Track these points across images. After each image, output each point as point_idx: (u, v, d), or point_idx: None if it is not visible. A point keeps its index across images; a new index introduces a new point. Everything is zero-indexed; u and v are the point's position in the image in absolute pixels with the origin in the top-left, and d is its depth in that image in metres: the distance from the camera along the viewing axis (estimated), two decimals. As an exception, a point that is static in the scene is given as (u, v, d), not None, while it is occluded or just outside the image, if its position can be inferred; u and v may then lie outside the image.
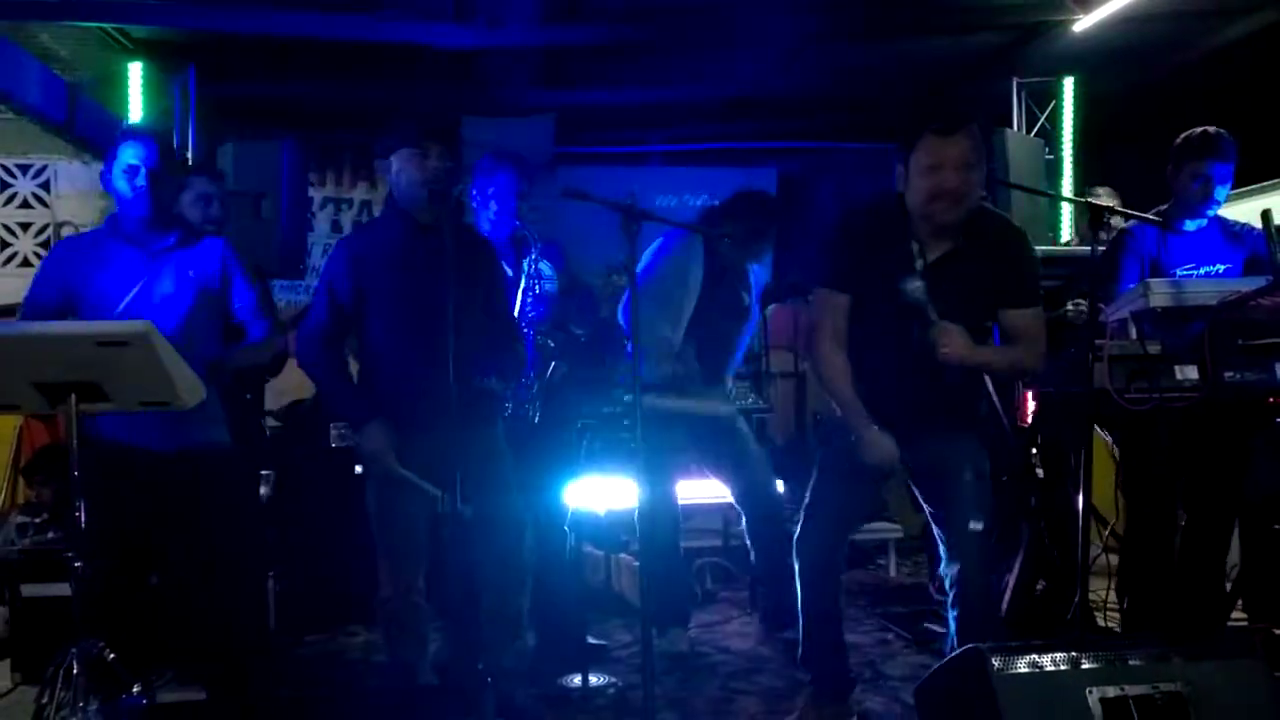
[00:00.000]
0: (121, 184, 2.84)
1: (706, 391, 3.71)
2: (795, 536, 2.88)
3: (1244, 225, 3.35)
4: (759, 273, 3.84)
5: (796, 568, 2.85)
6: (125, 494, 2.83)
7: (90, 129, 6.02)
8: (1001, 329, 2.70)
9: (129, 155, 2.82)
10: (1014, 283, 2.63)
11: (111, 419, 2.79)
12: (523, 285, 3.53)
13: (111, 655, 2.46)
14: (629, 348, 3.41)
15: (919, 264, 2.62)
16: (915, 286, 2.57)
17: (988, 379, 3.72)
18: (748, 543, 3.86)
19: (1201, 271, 3.29)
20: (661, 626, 3.73)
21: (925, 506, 2.85)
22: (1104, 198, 4.39)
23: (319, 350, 2.94)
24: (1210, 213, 3.31)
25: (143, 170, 2.81)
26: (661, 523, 3.65)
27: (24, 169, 6.50)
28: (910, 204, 2.61)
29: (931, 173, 2.52)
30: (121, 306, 2.80)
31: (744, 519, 3.82)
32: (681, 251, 3.63)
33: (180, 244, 2.91)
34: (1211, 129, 3.25)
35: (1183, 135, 3.30)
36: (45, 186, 6.51)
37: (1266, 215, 2.89)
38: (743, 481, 3.78)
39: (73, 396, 2.37)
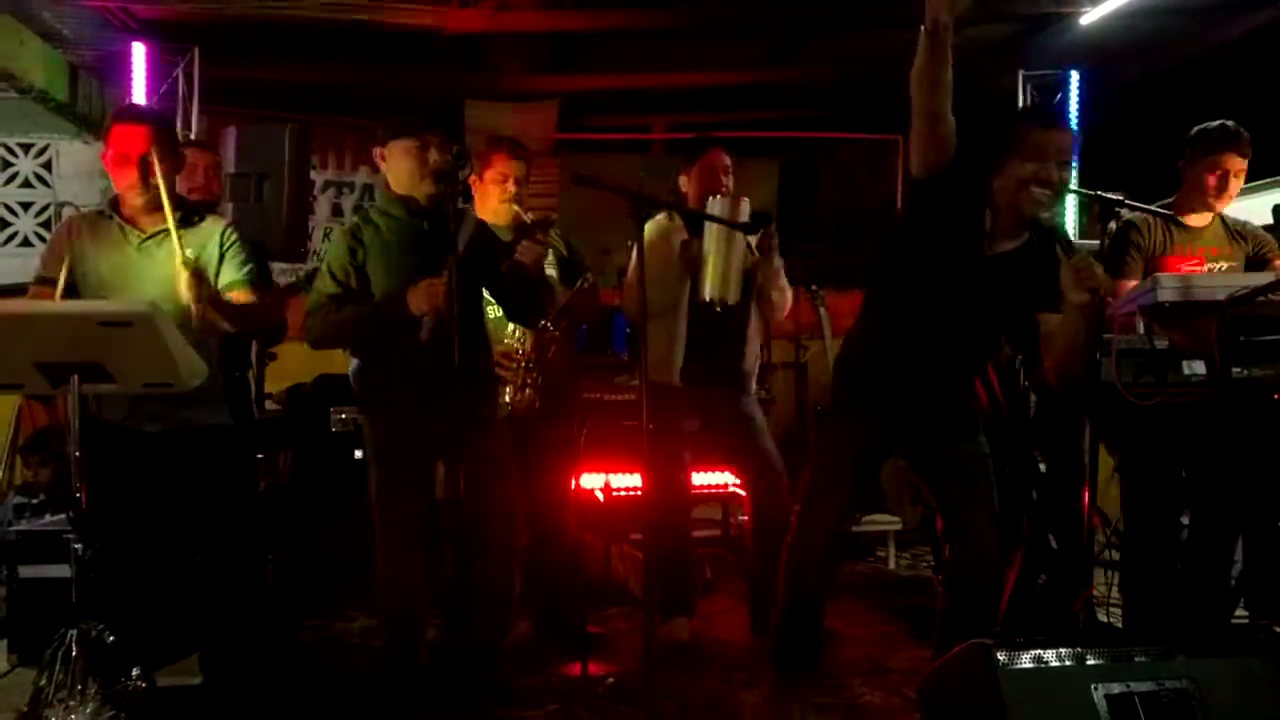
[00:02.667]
0: (116, 170, 2.81)
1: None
2: (798, 515, 2.85)
3: (1244, 223, 3.34)
4: None
5: (790, 557, 2.82)
6: (125, 475, 2.81)
7: (93, 109, 6.00)
8: (1044, 331, 2.66)
9: (124, 140, 2.78)
10: (1055, 290, 2.58)
11: (112, 400, 2.78)
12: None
13: (111, 637, 2.45)
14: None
15: (985, 249, 2.61)
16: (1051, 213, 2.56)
17: (989, 370, 3.74)
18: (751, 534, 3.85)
19: (1205, 268, 3.28)
20: (666, 615, 3.72)
21: (932, 498, 2.84)
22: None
23: (326, 307, 2.95)
24: (1221, 206, 3.29)
25: (134, 156, 2.77)
26: (667, 507, 3.64)
27: (26, 148, 6.47)
28: (997, 192, 2.57)
29: (1031, 161, 2.52)
30: (119, 288, 2.78)
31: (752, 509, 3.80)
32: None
33: (181, 225, 2.85)
34: (1230, 122, 3.22)
35: (1199, 128, 3.27)
36: (47, 166, 6.48)
37: (1278, 210, 2.87)
38: (753, 466, 3.74)
39: (75, 377, 2.36)
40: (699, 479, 4.36)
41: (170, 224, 2.69)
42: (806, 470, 2.89)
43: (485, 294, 3.20)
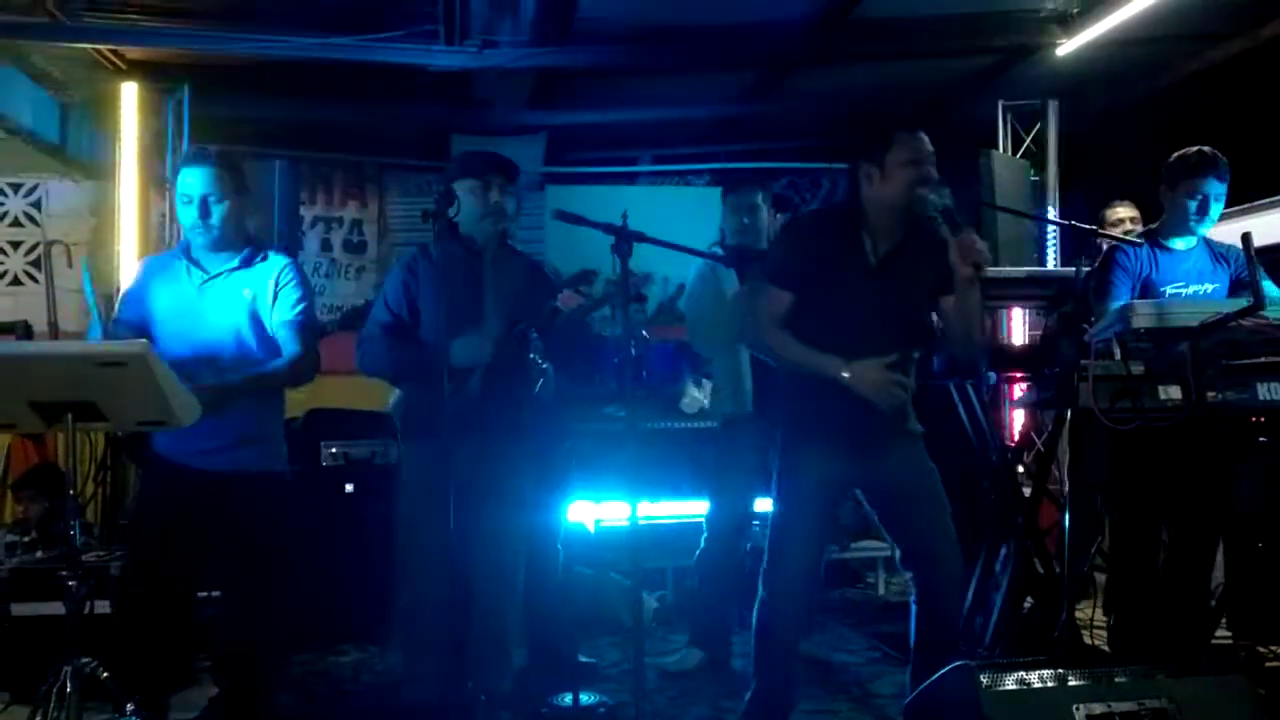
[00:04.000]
0: (181, 211, 2.88)
1: None
2: (762, 569, 2.83)
3: (1229, 246, 3.40)
4: None
5: (763, 597, 2.80)
6: (178, 512, 2.84)
7: (82, 149, 6.05)
8: (942, 315, 2.78)
9: (184, 184, 2.84)
10: (947, 271, 2.69)
11: (171, 438, 2.82)
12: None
13: (105, 674, 2.46)
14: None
15: (872, 260, 2.72)
16: (943, 194, 2.67)
17: (973, 397, 3.80)
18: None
19: (1190, 291, 3.33)
20: (692, 642, 3.80)
21: (883, 527, 2.87)
22: (1119, 209, 4.44)
23: (380, 339, 3.02)
24: (1202, 231, 3.36)
25: (196, 199, 2.82)
26: (727, 533, 3.71)
27: (15, 188, 6.50)
28: (888, 197, 2.69)
29: (914, 165, 2.67)
30: (177, 328, 2.83)
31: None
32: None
33: (243, 264, 2.91)
34: (1207, 148, 3.30)
35: (1177, 154, 3.34)
36: (37, 205, 6.52)
37: (1247, 237, 2.94)
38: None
39: (69, 415, 2.39)
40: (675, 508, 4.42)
41: None
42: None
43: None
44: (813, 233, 2.87)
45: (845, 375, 2.62)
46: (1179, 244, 3.38)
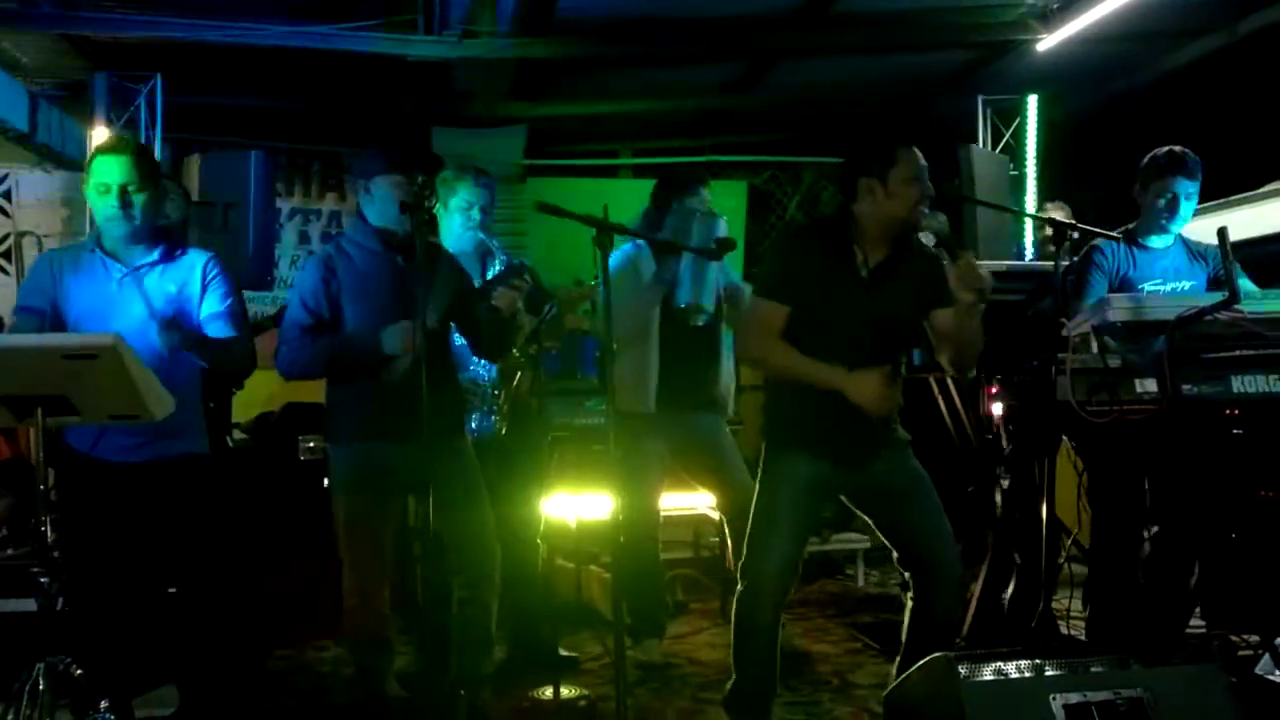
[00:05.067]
0: (96, 202, 2.78)
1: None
2: (741, 562, 2.83)
3: (1206, 245, 3.42)
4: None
5: (742, 590, 2.81)
6: (99, 507, 2.79)
7: (53, 138, 5.97)
8: (935, 329, 2.79)
9: (101, 173, 2.75)
10: (940, 284, 2.71)
11: (83, 432, 2.76)
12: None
13: (79, 671, 2.43)
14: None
15: (864, 272, 2.73)
16: (939, 219, 2.67)
17: (952, 389, 3.81)
18: (730, 547, 3.87)
19: (1168, 288, 3.36)
20: (637, 637, 3.74)
21: (880, 533, 2.87)
22: (1051, 210, 4.48)
23: (300, 339, 2.94)
24: (1176, 229, 3.38)
25: (115, 188, 2.73)
26: (638, 533, 3.66)
27: (-15, 178, 6.43)
28: (889, 212, 2.70)
29: (917, 182, 2.69)
30: (99, 324, 2.73)
31: (727, 526, 3.84)
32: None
33: (163, 259, 2.84)
34: (1178, 148, 3.33)
35: (1149, 154, 3.37)
36: (7, 196, 6.44)
37: (1223, 232, 2.96)
38: (726, 489, 3.77)
39: (39, 410, 2.35)
40: (671, 501, 4.39)
41: None
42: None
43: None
44: (803, 245, 2.89)
45: (847, 386, 2.64)
46: (1155, 242, 3.41)
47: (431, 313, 2.85)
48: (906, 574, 2.81)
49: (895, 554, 2.83)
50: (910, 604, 2.82)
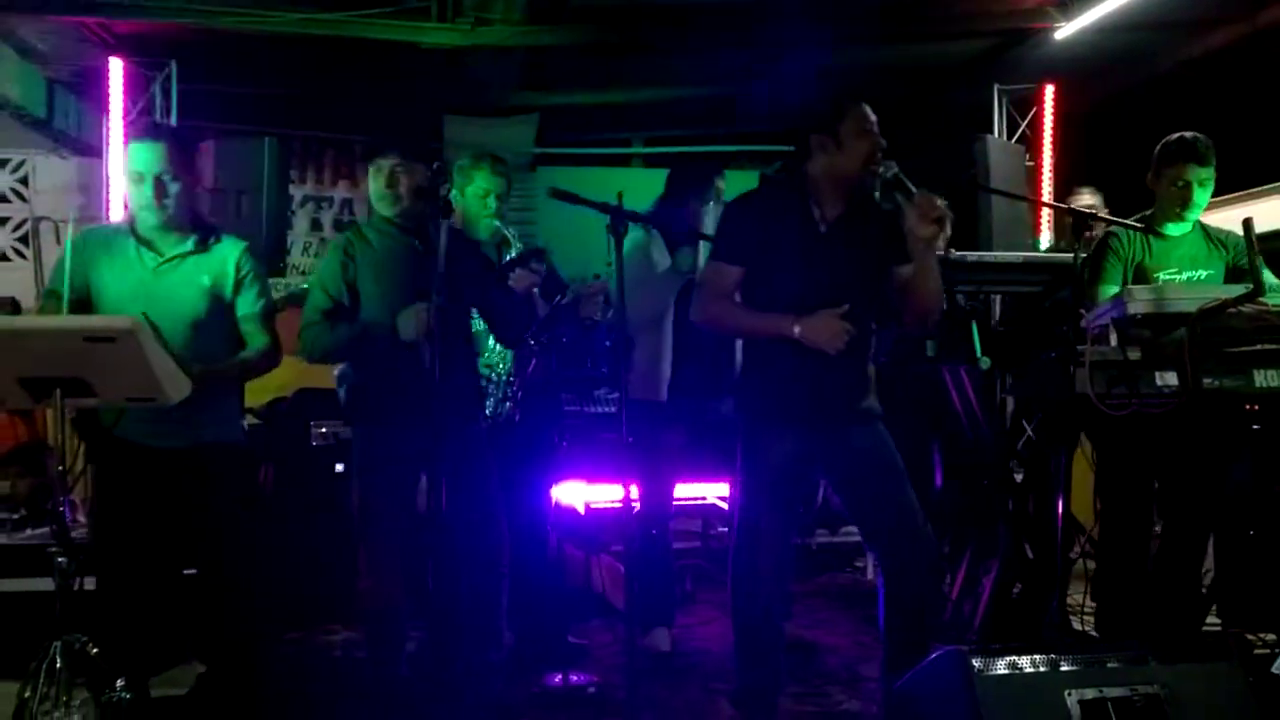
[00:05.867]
0: (131, 189, 2.79)
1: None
2: (730, 555, 2.82)
3: (1226, 232, 3.38)
4: None
5: (735, 583, 2.80)
6: (140, 491, 2.81)
7: (69, 124, 5.99)
8: (897, 286, 2.77)
9: (135, 160, 2.75)
10: (899, 239, 2.70)
11: (127, 417, 2.77)
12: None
13: (95, 649, 2.44)
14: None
15: (821, 227, 2.73)
16: (890, 165, 2.67)
17: (966, 381, 3.79)
18: None
19: (1184, 276, 3.32)
20: (646, 626, 3.74)
21: (847, 510, 2.85)
22: (1086, 196, 4.44)
23: (321, 324, 2.98)
24: (1191, 216, 3.34)
25: (149, 177, 2.73)
26: (650, 522, 3.66)
27: (2, 164, 6.45)
28: (842, 166, 2.71)
29: (868, 135, 2.71)
30: (128, 312, 2.69)
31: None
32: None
33: (197, 249, 2.83)
34: (1189, 134, 3.29)
35: (1163, 141, 3.34)
36: (24, 181, 6.46)
37: (1248, 223, 2.93)
38: None
39: (58, 391, 2.35)
40: (680, 491, 4.38)
41: None
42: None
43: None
44: (757, 206, 2.87)
45: (796, 330, 2.63)
46: (1172, 230, 3.36)
47: (448, 296, 2.85)
48: (874, 556, 2.78)
49: (862, 533, 2.80)
50: (881, 590, 2.77)
